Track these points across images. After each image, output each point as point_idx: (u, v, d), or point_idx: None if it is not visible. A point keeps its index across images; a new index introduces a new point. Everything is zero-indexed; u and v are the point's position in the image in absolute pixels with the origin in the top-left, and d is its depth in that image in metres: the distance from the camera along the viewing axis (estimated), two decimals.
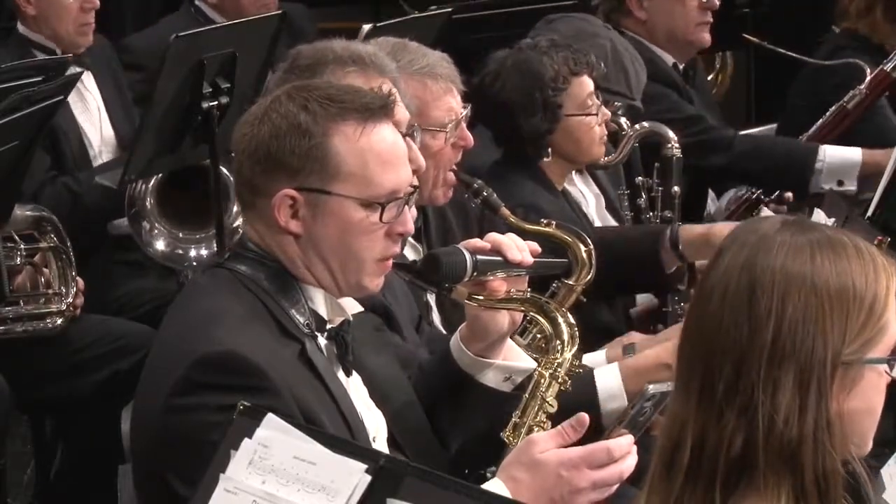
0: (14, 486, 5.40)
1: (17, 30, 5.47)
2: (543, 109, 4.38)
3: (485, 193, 3.99)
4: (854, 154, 5.36)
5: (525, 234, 3.61)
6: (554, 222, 3.97)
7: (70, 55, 5.34)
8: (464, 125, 3.86)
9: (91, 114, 5.51)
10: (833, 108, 5.48)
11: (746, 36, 5.85)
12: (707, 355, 2.17)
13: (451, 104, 3.82)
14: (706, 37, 5.59)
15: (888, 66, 5.48)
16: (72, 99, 5.38)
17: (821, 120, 5.50)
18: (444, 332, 3.79)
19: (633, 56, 4.94)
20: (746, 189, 5.58)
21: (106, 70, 5.66)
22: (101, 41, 5.68)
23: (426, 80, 3.78)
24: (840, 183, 5.37)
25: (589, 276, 3.94)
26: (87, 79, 5.53)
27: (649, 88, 5.11)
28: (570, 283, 3.95)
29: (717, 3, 5.56)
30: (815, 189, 5.35)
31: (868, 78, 5.47)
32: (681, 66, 5.62)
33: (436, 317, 3.87)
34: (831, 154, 5.36)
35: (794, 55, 5.80)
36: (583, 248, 3.93)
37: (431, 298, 3.83)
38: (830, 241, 2.18)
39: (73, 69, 5.42)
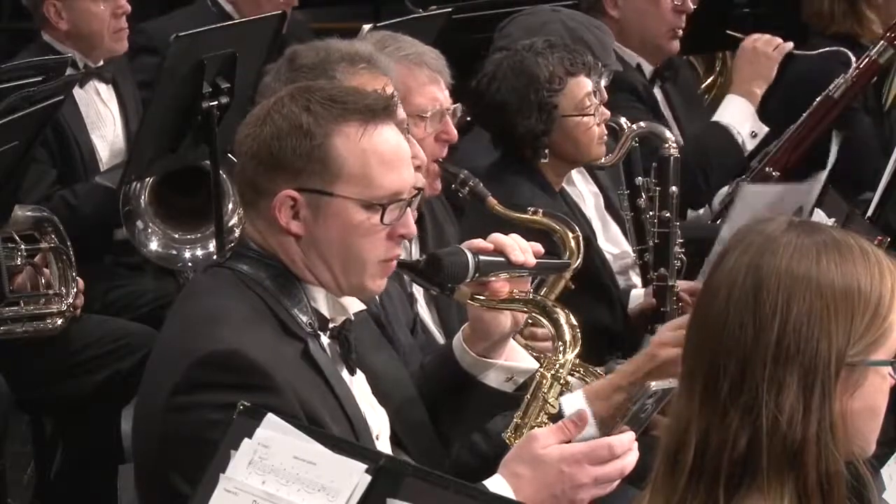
0: (14, 486, 5.40)
1: (42, 36, 5.46)
2: (538, 111, 4.38)
3: (471, 184, 4.03)
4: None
5: (512, 224, 3.63)
6: (541, 210, 4.00)
7: (85, 67, 5.36)
8: (449, 119, 3.87)
9: (105, 128, 5.49)
10: (818, 98, 5.48)
11: (731, 32, 5.85)
12: (711, 355, 2.17)
13: (436, 94, 3.83)
14: (675, 45, 5.62)
15: (874, 54, 5.50)
16: (85, 112, 5.39)
17: (807, 111, 5.50)
18: (430, 324, 3.79)
19: (588, 23, 4.92)
20: (737, 184, 5.57)
21: (130, 83, 5.64)
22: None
23: (412, 66, 3.80)
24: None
25: (577, 263, 3.96)
26: (107, 92, 5.53)
27: (611, 98, 5.09)
28: None
29: (692, 7, 5.57)
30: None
31: (853, 65, 5.49)
32: (648, 68, 5.61)
33: (421, 309, 3.87)
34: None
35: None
36: (570, 235, 3.96)
37: (417, 290, 3.82)
38: (836, 242, 2.18)
39: (95, 84, 5.44)
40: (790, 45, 5.61)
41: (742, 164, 5.60)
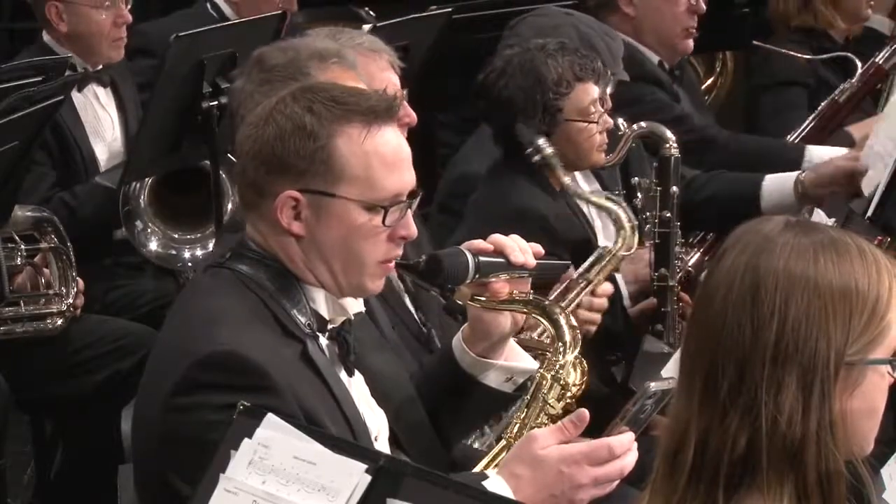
0: (14, 486, 5.40)
1: (42, 38, 5.45)
2: (543, 112, 4.37)
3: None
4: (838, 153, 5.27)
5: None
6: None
7: (84, 70, 5.35)
8: (405, 102, 3.88)
9: (104, 132, 5.48)
10: (823, 103, 5.48)
11: (757, 43, 5.87)
12: (710, 355, 2.17)
13: (393, 79, 3.83)
14: (690, 44, 5.62)
15: (880, 59, 5.50)
16: (84, 116, 5.38)
17: (811, 116, 5.50)
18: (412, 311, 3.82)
19: (600, 30, 4.91)
20: None
21: (130, 86, 5.64)
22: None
23: (370, 53, 3.80)
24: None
25: (632, 250, 4.02)
26: (105, 96, 5.52)
27: (635, 89, 5.09)
28: (614, 250, 4.04)
29: (704, 7, 5.57)
30: None
31: (859, 71, 5.48)
32: (666, 65, 5.62)
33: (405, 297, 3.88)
34: (818, 155, 5.29)
35: (793, 53, 5.83)
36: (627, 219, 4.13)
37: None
38: (833, 241, 2.19)
39: (94, 87, 5.44)
40: None
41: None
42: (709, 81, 7.00)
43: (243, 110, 3.41)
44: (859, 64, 5.52)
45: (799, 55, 5.81)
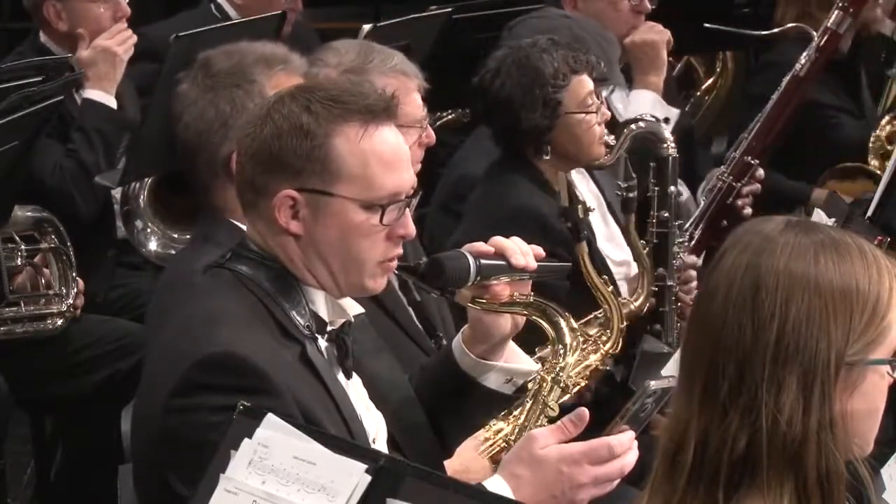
0: (14, 486, 5.40)
1: (39, 37, 5.44)
2: (543, 106, 4.37)
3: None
4: None
5: None
6: None
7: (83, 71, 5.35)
8: (427, 123, 3.88)
9: None
10: (784, 79, 5.45)
11: (707, 25, 5.85)
12: (710, 355, 2.18)
13: (419, 101, 3.84)
14: None
15: (832, 24, 5.46)
16: None
17: (775, 94, 5.46)
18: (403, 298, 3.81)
19: (594, 30, 4.93)
20: (717, 179, 5.52)
21: (128, 86, 5.62)
22: None
23: (400, 76, 3.80)
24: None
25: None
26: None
27: None
28: None
29: (650, 6, 5.56)
30: None
31: (814, 40, 5.45)
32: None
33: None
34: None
35: (745, 31, 5.84)
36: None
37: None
38: (834, 241, 2.19)
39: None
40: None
41: None
42: (709, 82, 6.99)
43: (187, 117, 3.41)
44: (814, 34, 5.49)
45: (751, 32, 5.80)
